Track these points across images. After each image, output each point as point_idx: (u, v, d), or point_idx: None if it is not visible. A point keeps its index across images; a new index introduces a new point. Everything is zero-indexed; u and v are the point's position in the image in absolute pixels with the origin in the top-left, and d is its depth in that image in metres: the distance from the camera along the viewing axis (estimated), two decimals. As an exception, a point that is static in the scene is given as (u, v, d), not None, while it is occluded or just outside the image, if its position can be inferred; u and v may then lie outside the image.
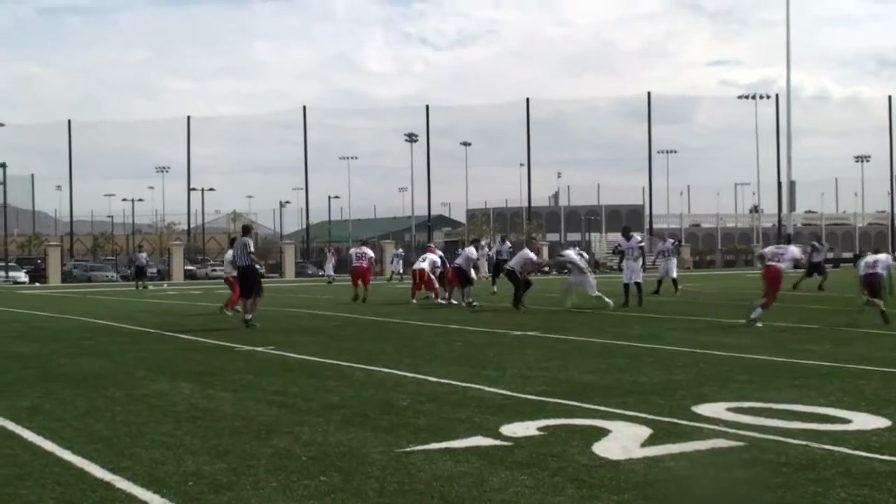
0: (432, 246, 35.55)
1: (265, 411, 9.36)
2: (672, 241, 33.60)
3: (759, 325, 17.97)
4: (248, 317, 19.98)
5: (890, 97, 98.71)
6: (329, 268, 54.34)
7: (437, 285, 28.83)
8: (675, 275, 31.36)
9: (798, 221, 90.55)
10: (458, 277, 26.80)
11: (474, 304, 25.43)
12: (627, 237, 26.04)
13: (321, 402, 9.84)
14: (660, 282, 31.16)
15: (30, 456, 7.46)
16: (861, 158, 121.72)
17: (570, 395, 10.04)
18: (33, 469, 6.99)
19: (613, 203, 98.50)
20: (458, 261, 27.27)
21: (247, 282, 20.38)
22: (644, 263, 26.15)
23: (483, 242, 48.22)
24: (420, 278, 28.76)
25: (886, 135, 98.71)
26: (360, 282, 30.17)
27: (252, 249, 20.59)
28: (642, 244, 26.49)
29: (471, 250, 27.54)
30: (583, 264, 24.78)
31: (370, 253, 31.92)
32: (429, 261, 29.04)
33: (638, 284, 25.00)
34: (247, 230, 21.48)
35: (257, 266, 21.28)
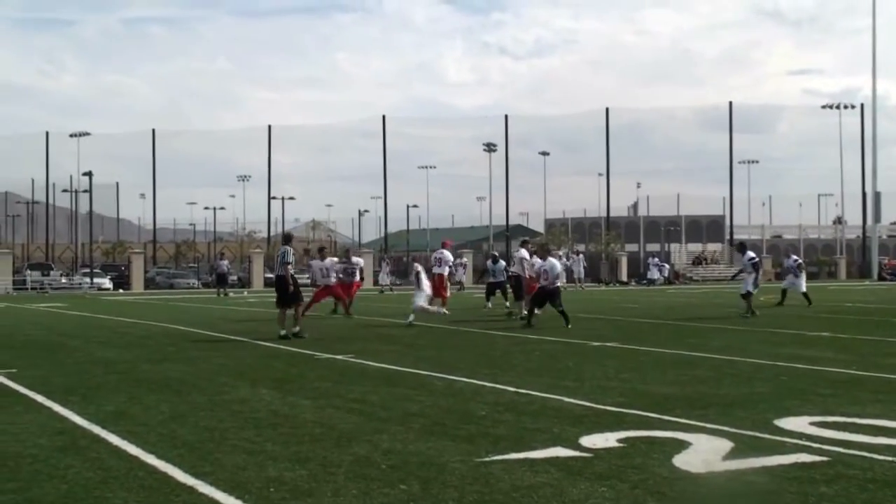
0: (450, 241, 31.40)
1: (345, 419, 9.44)
2: (795, 258, 33.99)
3: None
4: (283, 332, 19.16)
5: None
6: (384, 277, 53.21)
7: (446, 294, 27.41)
8: (803, 289, 31.31)
9: (884, 233, 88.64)
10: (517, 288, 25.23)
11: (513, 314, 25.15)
12: (742, 252, 26.83)
13: (400, 410, 9.89)
14: (784, 292, 31.52)
15: (115, 460, 7.61)
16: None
17: (650, 406, 9.96)
18: (119, 473, 7.13)
19: (693, 213, 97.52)
20: (514, 268, 25.82)
21: (280, 292, 19.72)
22: (757, 277, 26.18)
23: (561, 252, 48.02)
24: (439, 284, 26.77)
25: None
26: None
27: (290, 259, 19.69)
28: (755, 259, 26.69)
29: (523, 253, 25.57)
30: (424, 282, 23.92)
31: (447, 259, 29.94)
32: (444, 263, 27.33)
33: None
34: (287, 239, 20.83)
35: (292, 275, 19.93)
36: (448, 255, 28.42)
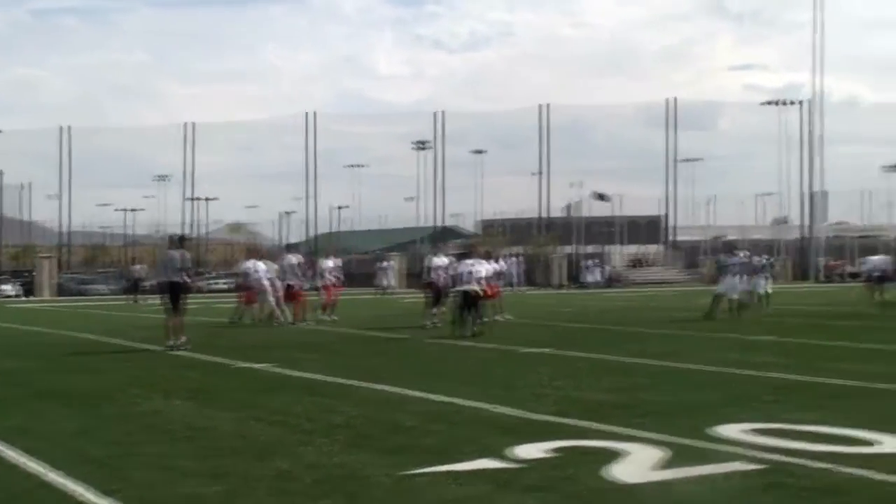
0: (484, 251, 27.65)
1: (266, 431, 9.40)
2: (766, 257, 33.27)
3: None
4: (170, 342, 18.24)
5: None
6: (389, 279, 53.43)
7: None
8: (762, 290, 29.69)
9: (828, 233, 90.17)
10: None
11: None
12: (732, 253, 27.20)
13: (324, 421, 9.86)
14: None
15: (17, 478, 7.50)
16: (894, 168, 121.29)
17: (585, 415, 10.03)
18: (19, 492, 7.03)
19: (634, 213, 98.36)
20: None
21: (174, 300, 18.57)
22: (743, 279, 26.54)
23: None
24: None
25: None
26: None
27: (182, 266, 18.52)
28: (745, 260, 27.01)
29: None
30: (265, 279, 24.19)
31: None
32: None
33: (735, 299, 25.83)
34: (180, 241, 19.52)
35: (186, 281, 18.87)
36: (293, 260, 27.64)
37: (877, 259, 35.64)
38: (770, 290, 30.50)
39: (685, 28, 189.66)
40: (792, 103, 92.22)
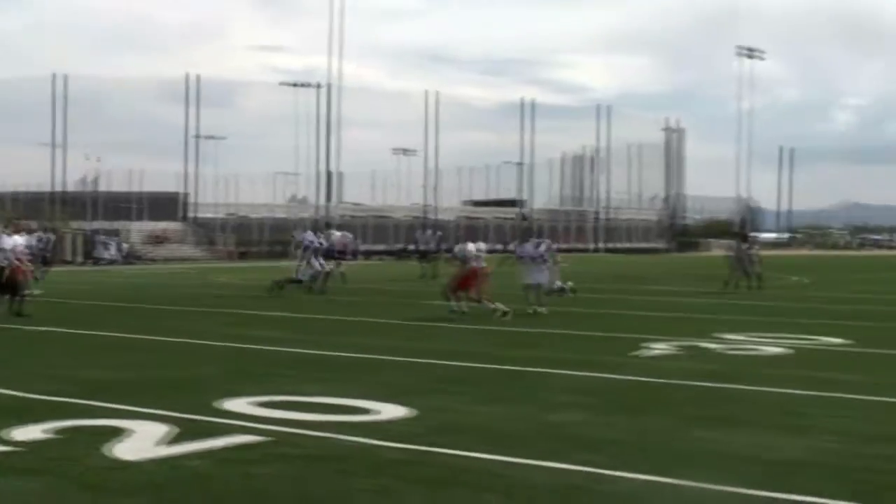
0: None
1: None
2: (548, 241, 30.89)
3: None
4: None
5: (430, 92, 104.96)
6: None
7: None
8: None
9: (343, 213, 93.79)
10: None
11: None
12: (526, 239, 23.65)
13: None
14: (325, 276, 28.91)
15: None
16: (404, 151, 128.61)
17: (88, 394, 9.77)
18: None
19: (155, 190, 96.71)
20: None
21: None
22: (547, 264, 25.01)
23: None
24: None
25: (428, 128, 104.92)
26: None
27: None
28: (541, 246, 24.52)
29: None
30: None
31: None
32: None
33: (539, 286, 23.10)
34: None
35: None
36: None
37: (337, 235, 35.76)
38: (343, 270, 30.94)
39: (207, 5, 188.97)
40: (311, 86, 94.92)
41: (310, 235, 29.41)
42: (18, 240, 21.51)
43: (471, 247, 20.54)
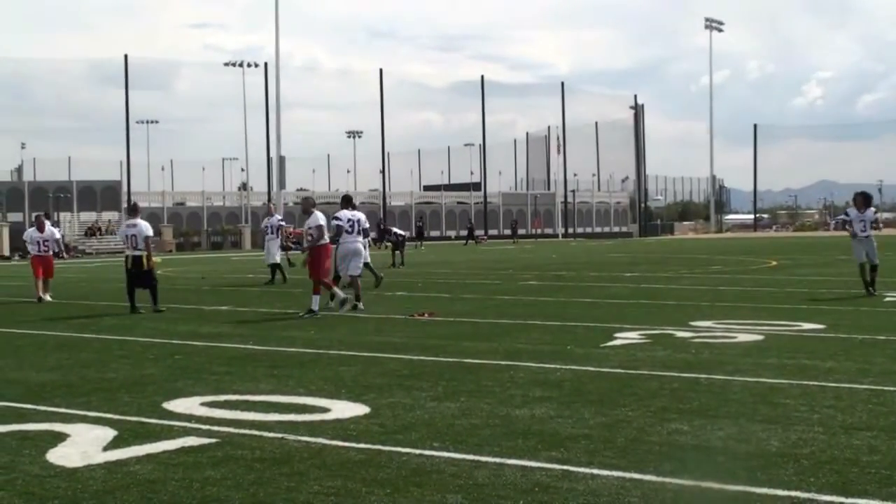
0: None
1: None
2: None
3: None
4: None
5: (381, 70, 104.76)
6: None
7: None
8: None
9: (290, 199, 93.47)
10: None
11: None
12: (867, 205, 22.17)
13: None
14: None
15: None
16: (353, 134, 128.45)
17: (23, 397, 9.72)
18: None
19: (87, 178, 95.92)
20: None
21: None
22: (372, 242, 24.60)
23: None
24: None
25: (378, 109, 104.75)
26: None
27: None
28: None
29: None
30: None
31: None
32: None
33: (367, 265, 21.98)
34: None
35: None
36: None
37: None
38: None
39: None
40: (253, 65, 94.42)
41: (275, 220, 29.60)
42: None
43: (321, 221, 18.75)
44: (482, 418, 8.44)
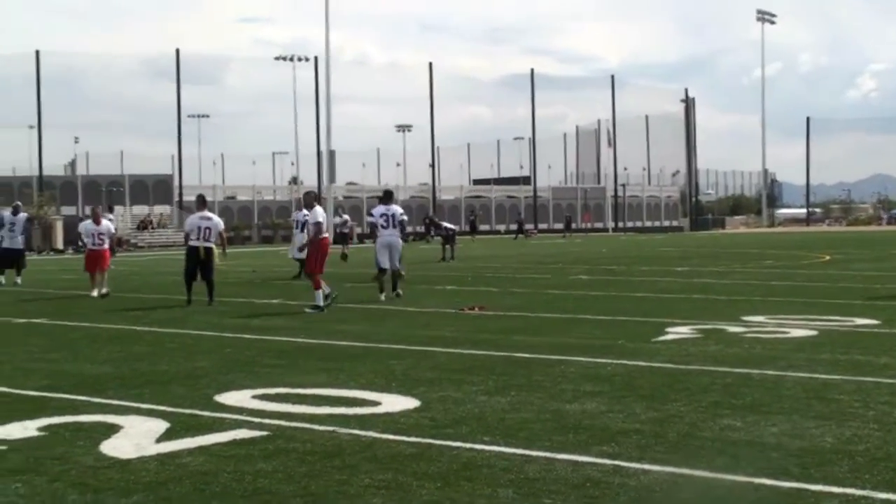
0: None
1: None
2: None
3: None
4: None
5: (431, 64, 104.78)
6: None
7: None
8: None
9: (339, 193, 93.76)
10: None
11: None
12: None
13: None
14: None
15: None
16: (403, 128, 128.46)
17: (78, 388, 9.81)
18: None
19: (139, 172, 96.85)
20: None
21: None
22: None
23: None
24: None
25: (427, 103, 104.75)
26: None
27: None
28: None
29: None
30: None
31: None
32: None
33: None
34: None
35: None
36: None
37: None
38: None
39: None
40: (303, 59, 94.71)
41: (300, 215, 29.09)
42: None
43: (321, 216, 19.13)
44: (533, 413, 8.42)
